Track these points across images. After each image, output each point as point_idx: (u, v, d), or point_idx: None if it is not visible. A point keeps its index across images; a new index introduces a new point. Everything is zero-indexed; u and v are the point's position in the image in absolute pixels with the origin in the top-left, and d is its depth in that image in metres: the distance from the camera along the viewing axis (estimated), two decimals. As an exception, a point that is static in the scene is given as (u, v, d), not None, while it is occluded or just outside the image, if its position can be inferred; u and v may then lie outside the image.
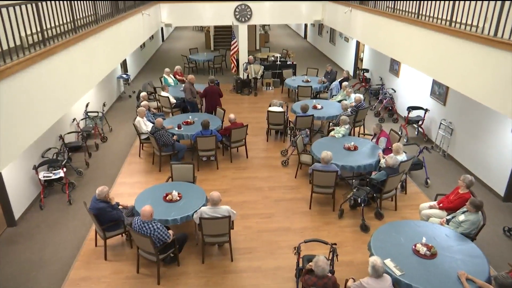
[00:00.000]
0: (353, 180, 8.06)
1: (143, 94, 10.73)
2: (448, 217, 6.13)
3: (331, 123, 10.08)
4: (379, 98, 12.76)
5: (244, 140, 9.51)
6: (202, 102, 11.12)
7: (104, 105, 11.82)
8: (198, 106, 11.01)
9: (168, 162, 9.02)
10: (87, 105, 10.75)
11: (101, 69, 8.12)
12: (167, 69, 12.83)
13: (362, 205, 7.08)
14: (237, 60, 15.21)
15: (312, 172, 7.31)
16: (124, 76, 14.23)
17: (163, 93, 11.37)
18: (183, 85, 10.90)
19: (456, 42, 6.63)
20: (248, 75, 14.14)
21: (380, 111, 12.25)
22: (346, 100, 10.98)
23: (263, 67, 14.07)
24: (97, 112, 10.81)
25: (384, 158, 7.63)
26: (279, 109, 10.35)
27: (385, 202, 7.73)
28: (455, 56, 6.69)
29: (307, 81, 13.20)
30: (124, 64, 15.16)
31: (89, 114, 10.79)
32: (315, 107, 10.61)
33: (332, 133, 9.08)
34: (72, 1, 6.78)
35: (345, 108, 9.86)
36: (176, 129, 9.32)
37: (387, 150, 8.22)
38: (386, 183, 7.07)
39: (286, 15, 15.08)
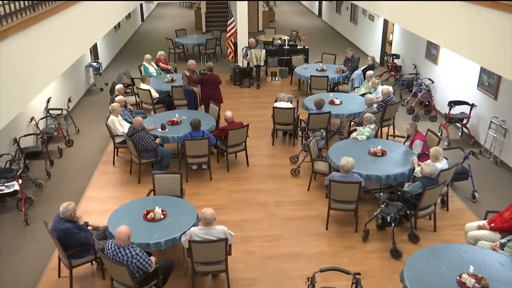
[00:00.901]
0: (381, 194, 8.05)
1: (118, 86, 10.80)
2: (503, 240, 6.10)
3: (352, 122, 10.10)
4: (413, 91, 12.79)
5: (244, 143, 9.55)
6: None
7: (69, 100, 11.90)
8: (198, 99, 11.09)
9: (149, 172, 9.04)
10: (48, 101, 10.81)
11: (66, 56, 8.17)
12: (148, 56, 12.92)
13: (393, 224, 7.06)
14: (235, 44, 15.29)
15: (329, 183, 7.32)
16: (95, 64, 14.34)
17: (143, 86, 11.44)
18: (183, 73, 10.94)
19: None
20: (248, 63, 14.20)
21: (414, 107, 12.27)
22: (371, 93, 11.00)
23: (264, 50, 14.14)
24: (61, 109, 10.88)
25: (419, 166, 7.62)
26: (288, 105, 10.38)
27: (422, 221, 7.71)
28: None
29: (322, 70, 13.26)
30: (94, 50, 15.27)
31: (50, 112, 10.85)
32: (332, 102, 10.64)
33: (354, 134, 9.11)
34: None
35: (370, 104, 9.88)
36: (160, 130, 9.36)
37: (423, 156, 8.22)
38: (422, 197, 7.06)
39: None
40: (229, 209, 8.20)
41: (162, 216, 6.62)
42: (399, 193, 7.39)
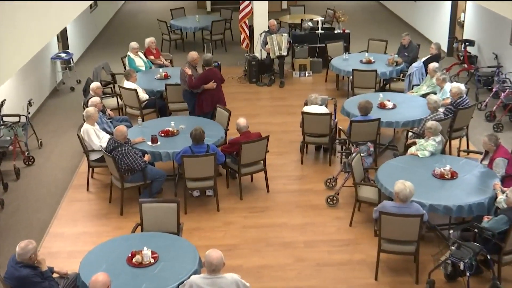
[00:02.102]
0: (451, 231, 7.95)
1: (94, 85, 10.91)
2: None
3: (410, 133, 10.04)
4: (494, 90, 12.68)
5: (262, 162, 9.58)
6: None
7: (29, 104, 12.02)
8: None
9: (135, 200, 9.05)
10: (1, 105, 10.96)
11: (24, 46, 8.28)
12: (134, 44, 13.05)
13: (468, 274, 6.96)
14: (251, 28, 15.38)
15: (379, 216, 7.28)
16: (63, 55, 14.55)
17: (128, 84, 11.56)
18: (182, 69, 11.02)
19: None
20: (268, 53, 14.28)
21: (495, 111, 12.16)
22: (436, 93, 10.93)
23: (289, 36, 14.12)
24: (18, 116, 11.02)
25: (504, 193, 7.53)
26: (322, 109, 10.40)
27: (508, 269, 7.61)
28: None
29: (369, 62, 13.26)
30: (63, 37, 15.53)
31: (4, 119, 10.98)
32: (383, 106, 10.63)
33: (413, 149, 9.07)
34: None
35: (434, 108, 9.82)
36: (149, 143, 9.43)
37: (508, 180, 8.14)
38: (508, 237, 6.97)
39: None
40: (243, 251, 8.17)
41: (152, 260, 6.62)
42: (476, 230, 7.29)
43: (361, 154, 9.10)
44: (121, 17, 21.99)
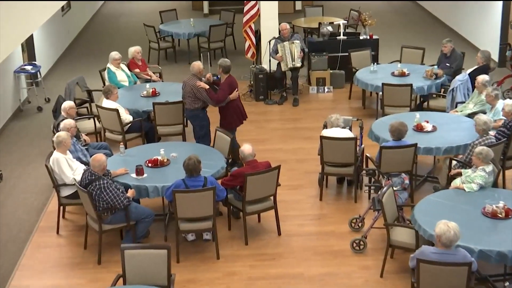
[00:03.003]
0: (506, 284, 7.90)
1: (66, 104, 10.96)
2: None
3: (454, 162, 10.02)
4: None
5: (272, 198, 9.56)
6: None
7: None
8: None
9: (116, 245, 9.01)
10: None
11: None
12: (115, 54, 13.16)
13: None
14: (257, 34, 15.47)
15: (417, 265, 7.24)
16: (29, 68, 14.59)
17: (108, 103, 11.60)
18: (185, 82, 11.18)
19: None
20: (279, 64, 14.34)
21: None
22: (485, 112, 10.93)
23: (299, 42, 14.15)
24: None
25: None
26: (345, 132, 10.42)
27: None
28: None
29: (403, 74, 13.32)
30: (28, 46, 15.62)
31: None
32: (420, 128, 10.64)
33: (457, 182, 9.06)
34: None
35: (484, 130, 9.80)
36: (134, 175, 9.44)
37: None
38: None
39: None
40: (249, 309, 8.14)
41: (137, 321, 6.60)
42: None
43: (394, 188, 9.05)
44: (100, 21, 22.13)
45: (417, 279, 7.32)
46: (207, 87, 11.06)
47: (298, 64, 14.14)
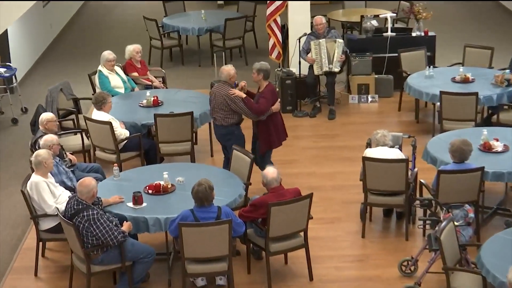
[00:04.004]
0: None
1: (45, 116, 11.03)
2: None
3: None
4: None
5: (303, 234, 9.54)
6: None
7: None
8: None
9: (107, 291, 9.09)
10: None
11: None
12: (108, 54, 13.24)
13: None
14: (284, 29, 15.51)
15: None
16: (2, 71, 14.62)
17: (99, 114, 11.64)
18: (214, 92, 11.23)
19: None
20: (312, 67, 14.36)
21: None
22: None
23: (342, 41, 14.21)
24: None
25: None
26: (394, 153, 10.40)
27: None
28: None
29: (466, 80, 13.28)
30: (2, 45, 15.72)
31: None
32: (488, 148, 10.61)
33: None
34: None
35: None
36: (130, 205, 9.45)
37: None
38: None
39: None
40: None
41: None
42: None
43: (456, 223, 8.96)
44: (90, 12, 22.21)
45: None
46: (244, 95, 11.04)
47: (336, 69, 14.14)
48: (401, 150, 10.65)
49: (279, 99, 11.33)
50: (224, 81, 11.17)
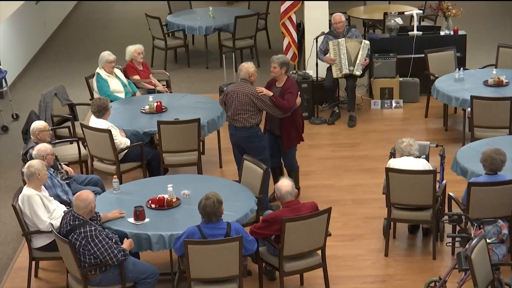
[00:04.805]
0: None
1: (35, 125, 11.04)
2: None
3: None
4: None
5: (320, 253, 9.53)
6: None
7: None
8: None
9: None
10: None
11: None
12: (107, 55, 13.29)
13: None
14: (300, 28, 15.52)
15: None
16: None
17: (97, 121, 11.67)
18: (235, 91, 11.16)
19: None
20: (330, 68, 14.40)
21: None
22: None
23: (367, 42, 14.26)
24: None
25: None
26: (420, 163, 10.40)
27: None
28: None
29: (500, 83, 13.27)
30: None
31: None
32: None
33: None
34: None
35: None
36: (132, 220, 9.45)
37: None
38: None
39: None
40: None
41: None
42: None
43: (488, 240, 8.94)
44: (87, 10, 22.43)
45: None
46: (271, 93, 11.10)
47: (358, 72, 14.19)
48: (428, 161, 10.63)
49: (299, 92, 11.47)
50: (244, 79, 11.19)
